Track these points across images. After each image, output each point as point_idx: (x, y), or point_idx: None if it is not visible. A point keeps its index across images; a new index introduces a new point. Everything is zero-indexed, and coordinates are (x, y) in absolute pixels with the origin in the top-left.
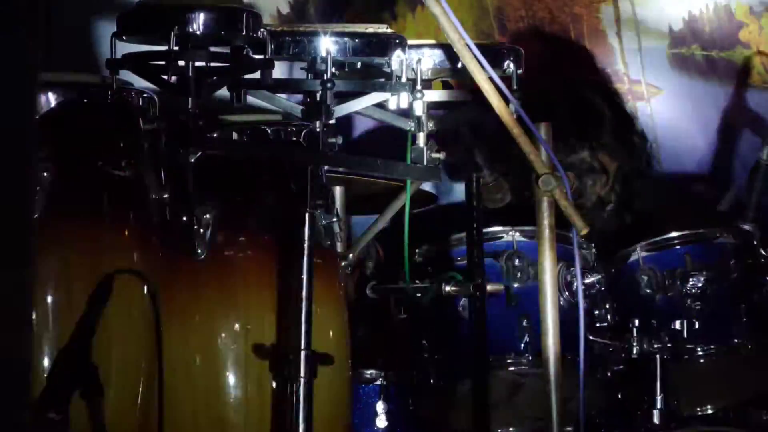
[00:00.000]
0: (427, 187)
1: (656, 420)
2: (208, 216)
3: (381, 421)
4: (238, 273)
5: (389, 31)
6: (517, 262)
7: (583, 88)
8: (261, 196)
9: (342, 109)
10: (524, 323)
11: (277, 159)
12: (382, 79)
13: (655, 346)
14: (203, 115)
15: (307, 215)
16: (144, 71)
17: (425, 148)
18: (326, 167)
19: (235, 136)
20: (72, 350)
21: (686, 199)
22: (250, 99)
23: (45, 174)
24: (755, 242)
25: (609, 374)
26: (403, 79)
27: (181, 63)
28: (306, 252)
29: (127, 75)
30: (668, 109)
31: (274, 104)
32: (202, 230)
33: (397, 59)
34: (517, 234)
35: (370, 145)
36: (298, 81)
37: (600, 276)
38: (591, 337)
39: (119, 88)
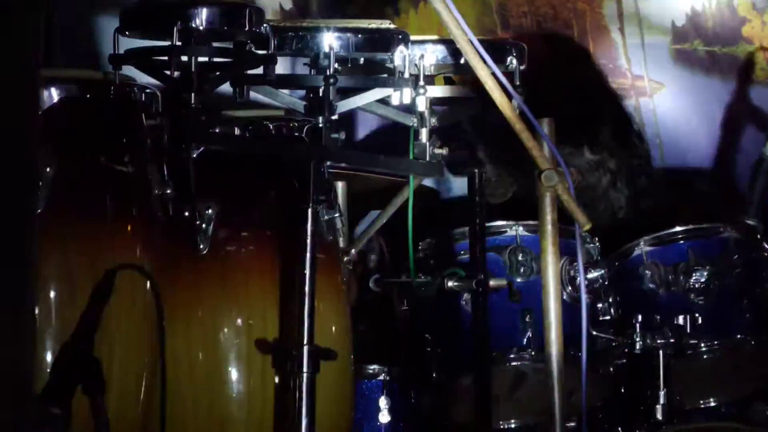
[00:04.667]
0: (429, 182)
1: (659, 415)
2: (210, 211)
3: (384, 417)
4: (241, 268)
5: (392, 26)
6: (520, 256)
7: (584, 89)
8: (263, 192)
9: (345, 105)
10: (527, 318)
11: (279, 154)
12: (385, 75)
13: (658, 341)
14: (206, 111)
15: (309, 211)
16: (147, 67)
17: (428, 144)
18: (329, 163)
19: (237, 131)
20: (74, 346)
21: (689, 193)
22: (253, 94)
23: (47, 170)
24: (759, 237)
25: (612, 369)
26: (406, 75)
27: (184, 58)
28: (308, 247)
29: (130, 70)
30: (671, 105)
31: (277, 100)
32: (204, 225)
33: (400, 55)
34: (521, 228)
35: (372, 140)
36: (301, 77)
37: (603, 271)
38: (594, 332)
39: (122, 84)
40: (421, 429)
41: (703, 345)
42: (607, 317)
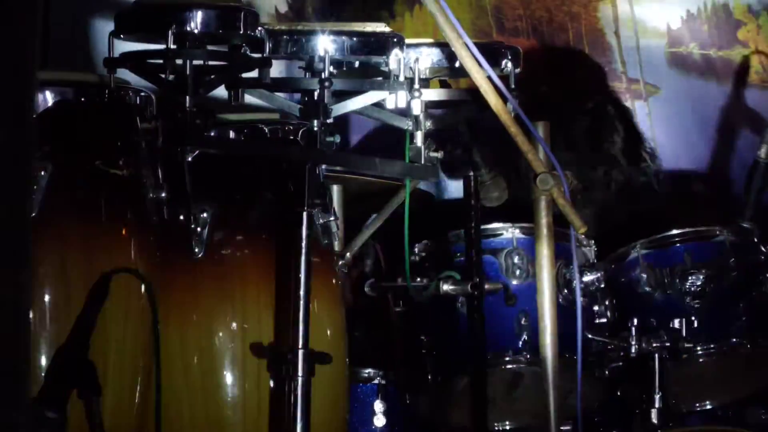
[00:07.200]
0: (424, 185)
1: (654, 418)
2: (205, 215)
3: (379, 420)
4: (236, 272)
5: (387, 30)
6: (516, 259)
7: (595, 102)
8: (258, 195)
9: (340, 108)
10: (522, 321)
11: (274, 158)
12: (380, 78)
13: (654, 344)
14: (200, 114)
15: (304, 214)
16: (142, 70)
17: (423, 147)
18: (324, 166)
19: (232, 134)
20: (70, 349)
21: (685, 197)
22: (248, 98)
23: (42, 173)
24: (754, 240)
25: (607, 372)
26: (401, 78)
27: (179, 61)
28: (303, 251)
29: (124, 73)
30: (666, 108)
31: (272, 103)
32: (199, 229)
33: (395, 58)
34: (516, 231)
35: (368, 144)
36: (296, 80)
37: (599, 274)
38: (590, 335)
39: (116, 87)
40: None
41: (698, 348)
42: (603, 320)
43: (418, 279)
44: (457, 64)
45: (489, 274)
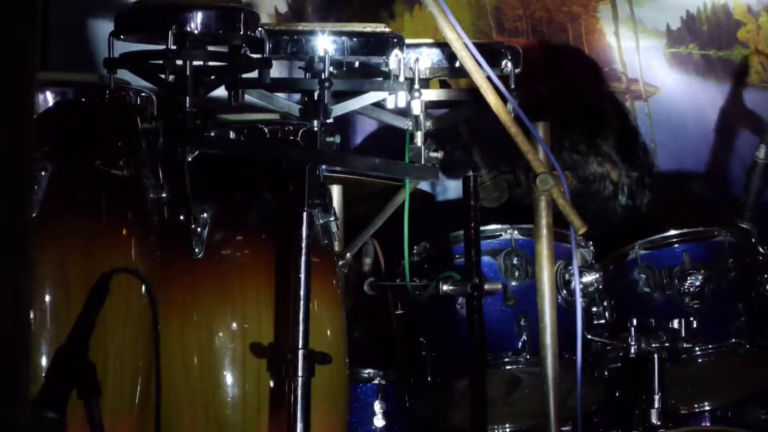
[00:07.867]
0: (423, 185)
1: (654, 419)
2: (205, 215)
3: (379, 420)
4: (236, 272)
5: (387, 30)
6: (515, 260)
7: (592, 97)
8: (258, 196)
9: (340, 108)
10: (522, 322)
11: (274, 158)
12: (380, 79)
13: (653, 344)
14: (201, 114)
15: (304, 214)
16: (142, 70)
17: (423, 147)
18: (324, 166)
19: (232, 135)
20: (70, 349)
21: (684, 197)
22: (248, 98)
23: (42, 173)
24: (753, 240)
25: (606, 372)
26: (401, 79)
27: (179, 62)
28: (303, 251)
29: (125, 74)
30: (666, 109)
31: (272, 103)
32: (199, 229)
33: (395, 58)
34: (516, 232)
35: (368, 144)
36: (296, 80)
37: (598, 274)
38: (589, 336)
39: (117, 87)
40: None
41: (697, 349)
42: (602, 321)
43: (417, 281)
44: (457, 65)
45: (488, 275)
